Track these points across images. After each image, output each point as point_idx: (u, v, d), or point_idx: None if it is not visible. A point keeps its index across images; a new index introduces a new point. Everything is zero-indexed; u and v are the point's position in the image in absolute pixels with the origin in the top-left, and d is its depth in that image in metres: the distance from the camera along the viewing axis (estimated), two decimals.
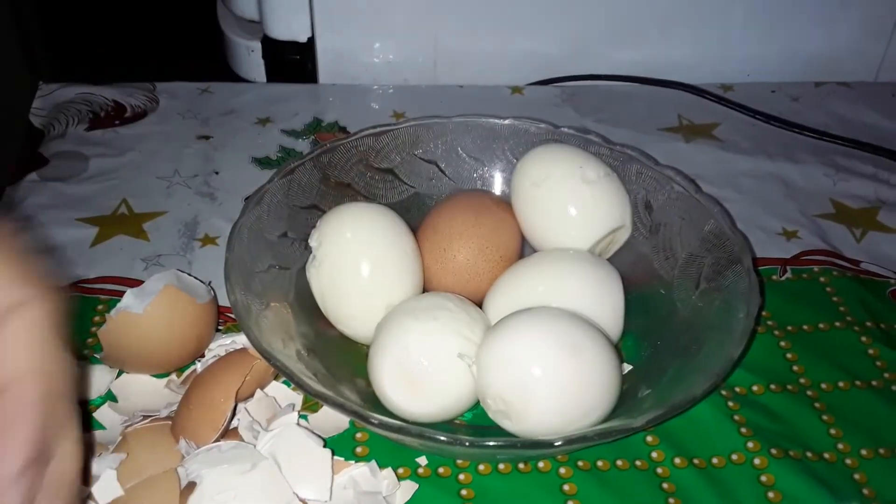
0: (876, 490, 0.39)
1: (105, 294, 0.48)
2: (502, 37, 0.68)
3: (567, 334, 0.37)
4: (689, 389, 0.37)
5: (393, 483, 0.38)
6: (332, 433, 0.41)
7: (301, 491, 0.36)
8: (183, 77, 0.67)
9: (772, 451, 0.40)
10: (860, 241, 0.54)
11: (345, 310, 0.43)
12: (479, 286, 0.45)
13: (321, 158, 0.47)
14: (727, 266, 0.42)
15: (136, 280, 0.48)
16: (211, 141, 0.61)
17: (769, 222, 0.55)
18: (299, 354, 0.40)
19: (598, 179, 0.45)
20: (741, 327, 0.38)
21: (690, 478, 0.39)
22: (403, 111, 0.64)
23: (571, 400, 0.37)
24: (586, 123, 0.62)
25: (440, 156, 0.50)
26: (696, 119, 0.65)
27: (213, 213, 0.54)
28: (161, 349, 0.41)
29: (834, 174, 0.59)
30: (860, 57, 0.70)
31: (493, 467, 0.39)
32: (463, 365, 0.38)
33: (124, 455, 0.37)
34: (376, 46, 0.68)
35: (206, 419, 0.37)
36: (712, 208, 0.44)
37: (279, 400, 0.41)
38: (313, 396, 0.36)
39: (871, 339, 0.47)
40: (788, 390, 0.44)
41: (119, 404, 0.42)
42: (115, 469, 0.36)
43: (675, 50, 0.69)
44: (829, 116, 0.65)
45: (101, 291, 0.48)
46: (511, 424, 0.38)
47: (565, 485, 0.39)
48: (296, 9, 0.66)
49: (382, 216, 0.44)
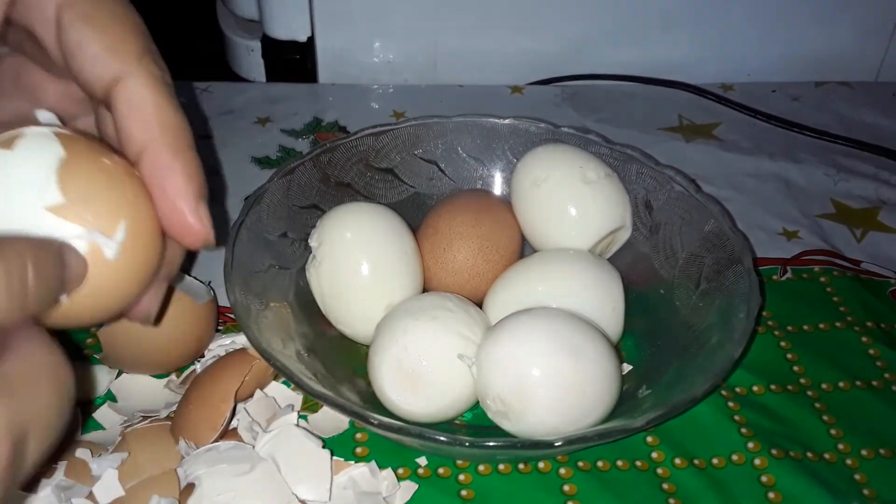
0: (876, 490, 0.39)
1: None
2: (502, 37, 0.68)
3: (567, 335, 0.37)
4: (689, 390, 0.36)
5: (393, 483, 0.38)
6: (331, 433, 0.41)
7: (300, 491, 0.36)
8: (183, 76, 0.67)
9: (772, 451, 0.40)
10: (861, 241, 0.54)
11: (344, 310, 0.43)
12: (479, 286, 0.45)
13: (321, 158, 0.47)
14: (727, 266, 0.42)
15: None
16: (211, 140, 0.61)
17: (770, 222, 0.55)
18: (299, 354, 0.40)
19: (599, 179, 0.45)
20: (741, 327, 0.38)
21: (691, 478, 0.39)
22: (403, 111, 0.64)
23: (571, 400, 0.37)
24: (586, 123, 0.62)
25: (440, 156, 0.50)
26: (696, 119, 0.65)
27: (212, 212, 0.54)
28: (161, 349, 0.41)
29: (834, 174, 0.59)
30: (861, 57, 0.70)
31: (493, 468, 0.39)
32: (463, 365, 0.38)
33: (125, 455, 0.37)
34: (376, 46, 0.68)
35: (205, 419, 0.37)
36: (713, 208, 0.44)
37: (279, 400, 0.41)
38: (313, 397, 0.36)
39: (871, 339, 0.47)
40: (789, 390, 0.44)
41: (119, 404, 0.42)
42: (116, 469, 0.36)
43: (676, 50, 0.69)
44: (829, 116, 0.65)
45: None
46: (511, 425, 0.38)
47: (565, 485, 0.39)
48: (296, 8, 0.66)
49: (382, 216, 0.44)
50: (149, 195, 0.29)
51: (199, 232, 0.30)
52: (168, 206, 0.29)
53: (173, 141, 0.29)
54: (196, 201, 0.30)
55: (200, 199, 0.30)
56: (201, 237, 0.30)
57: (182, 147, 0.30)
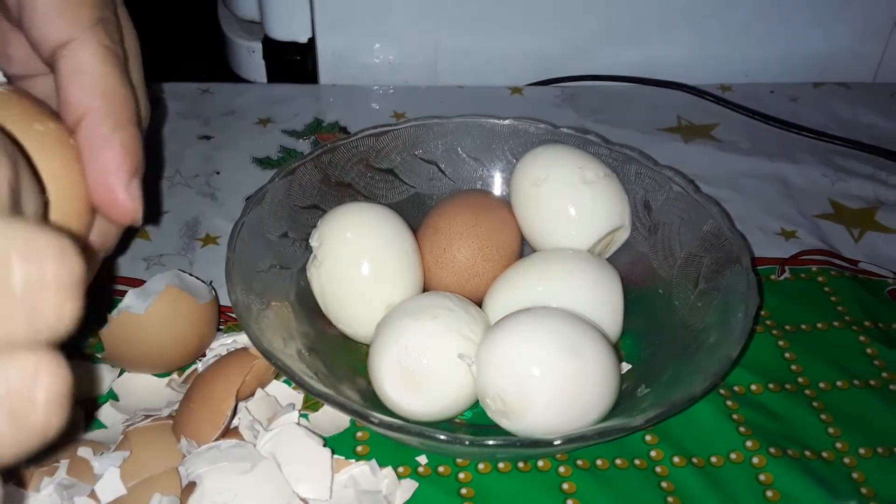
0: (874, 489, 0.39)
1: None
2: (502, 37, 0.68)
3: (566, 334, 0.37)
4: (687, 389, 0.37)
5: (393, 482, 0.38)
6: (332, 432, 0.41)
7: (301, 490, 0.36)
8: (184, 77, 0.67)
9: (770, 449, 0.41)
10: (858, 240, 0.54)
11: (345, 309, 0.43)
12: (479, 286, 0.45)
13: (322, 158, 0.47)
14: (726, 266, 0.42)
15: (138, 280, 0.48)
16: (212, 141, 0.61)
17: (768, 222, 0.55)
18: (300, 354, 0.40)
19: (598, 180, 0.45)
20: (740, 327, 0.39)
21: (689, 477, 0.39)
22: (404, 111, 0.65)
23: (570, 399, 0.37)
24: (586, 124, 0.63)
25: (440, 156, 0.50)
26: (695, 119, 0.65)
27: (214, 212, 0.55)
28: (162, 348, 0.41)
29: (832, 174, 0.60)
30: (859, 57, 0.70)
31: (493, 466, 0.40)
32: (463, 364, 0.38)
33: (127, 453, 0.37)
34: (377, 47, 0.69)
35: (206, 418, 0.38)
36: (711, 208, 0.44)
37: (280, 399, 0.41)
38: (314, 395, 0.36)
39: (869, 338, 0.47)
40: (787, 389, 0.44)
41: (121, 403, 0.42)
42: (118, 467, 0.36)
43: (675, 50, 0.69)
44: (827, 117, 0.65)
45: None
46: (510, 424, 0.38)
47: (564, 483, 0.39)
48: (296, 9, 0.66)
49: (383, 216, 0.44)
50: (80, 167, 0.28)
51: (128, 209, 0.29)
52: (100, 180, 0.28)
53: (115, 112, 0.29)
54: (129, 177, 0.29)
55: (134, 176, 0.30)
56: (129, 215, 0.30)
57: (123, 121, 0.29)
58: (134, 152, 0.29)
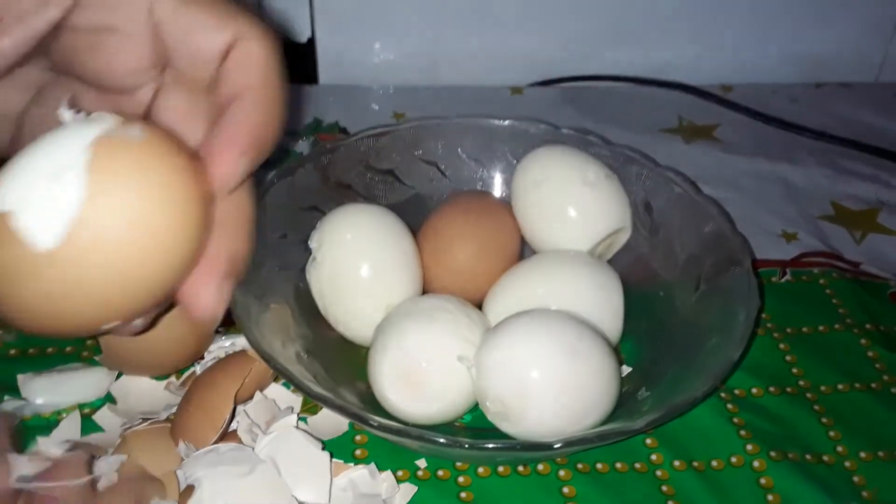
0: (875, 492, 0.39)
1: None
2: (502, 37, 0.68)
3: (566, 336, 0.37)
4: (688, 391, 0.37)
5: (392, 485, 0.38)
6: (331, 435, 0.41)
7: (300, 493, 0.36)
8: None
9: (771, 453, 0.40)
10: (860, 242, 0.54)
11: (344, 311, 0.43)
12: (479, 288, 0.45)
13: (321, 159, 0.47)
14: (727, 268, 0.42)
15: None
16: None
17: (769, 224, 0.55)
18: (299, 356, 0.40)
19: (599, 181, 0.45)
20: (741, 329, 0.38)
21: (690, 480, 0.39)
22: (404, 112, 0.64)
23: (570, 402, 0.37)
24: (586, 124, 0.62)
25: (440, 157, 0.50)
26: (696, 120, 0.65)
27: None
28: (160, 351, 0.41)
29: (834, 175, 0.59)
30: (860, 58, 0.70)
31: (493, 469, 0.40)
32: (462, 367, 0.38)
33: (125, 457, 0.37)
34: (376, 47, 0.68)
35: (205, 421, 0.37)
36: (712, 210, 0.44)
37: (278, 402, 0.41)
38: (313, 398, 0.36)
39: (870, 341, 0.47)
40: (788, 392, 0.44)
41: (118, 406, 0.42)
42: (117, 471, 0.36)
43: (676, 51, 0.69)
44: (829, 117, 0.65)
45: None
46: (510, 427, 0.38)
47: (564, 487, 0.39)
48: (296, 9, 0.66)
49: (382, 217, 0.44)
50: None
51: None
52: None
53: (266, 97, 0.31)
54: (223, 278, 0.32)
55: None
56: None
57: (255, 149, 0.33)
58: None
